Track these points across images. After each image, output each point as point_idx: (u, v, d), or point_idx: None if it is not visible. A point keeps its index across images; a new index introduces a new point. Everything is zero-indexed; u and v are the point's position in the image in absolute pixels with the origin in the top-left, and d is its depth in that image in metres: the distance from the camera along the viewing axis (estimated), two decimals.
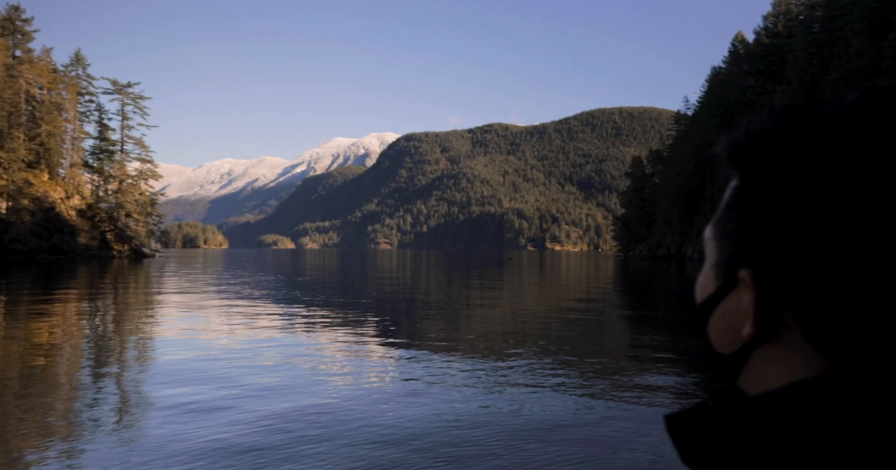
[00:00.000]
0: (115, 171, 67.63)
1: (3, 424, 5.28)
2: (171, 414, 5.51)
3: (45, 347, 9.23)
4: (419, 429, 5.12)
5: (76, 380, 7.17)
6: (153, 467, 4.24)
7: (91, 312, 14.49)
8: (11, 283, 24.61)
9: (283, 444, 4.71)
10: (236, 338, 10.14)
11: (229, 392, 6.34)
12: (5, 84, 57.92)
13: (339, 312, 14.21)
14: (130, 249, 65.53)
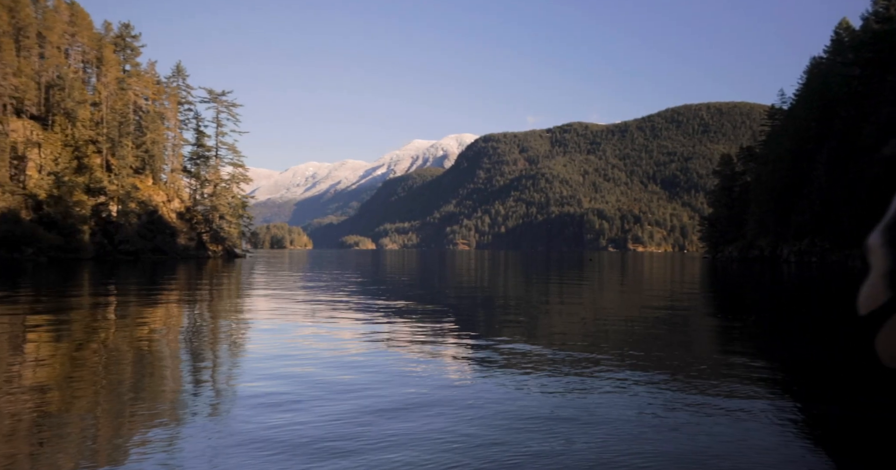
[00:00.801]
0: (211, 175, 71.77)
1: (108, 414, 5.77)
2: (260, 407, 5.84)
3: (148, 340, 9.97)
4: (488, 429, 5.16)
5: (175, 372, 7.70)
6: (241, 458, 4.51)
7: (190, 308, 15.48)
8: (120, 280, 26.70)
9: (363, 438, 4.88)
10: (321, 334, 10.53)
11: (314, 387, 6.62)
12: (117, 97, 62.83)
13: (419, 311, 14.44)
14: (224, 249, 69.31)
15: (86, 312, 14.06)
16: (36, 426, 5.18)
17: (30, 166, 54.69)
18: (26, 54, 57.70)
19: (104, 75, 64.33)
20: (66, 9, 64.74)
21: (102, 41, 66.93)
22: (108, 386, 6.72)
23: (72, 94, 58.80)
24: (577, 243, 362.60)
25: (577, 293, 21.40)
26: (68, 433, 5.03)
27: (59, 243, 52.01)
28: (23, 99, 56.02)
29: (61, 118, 58.18)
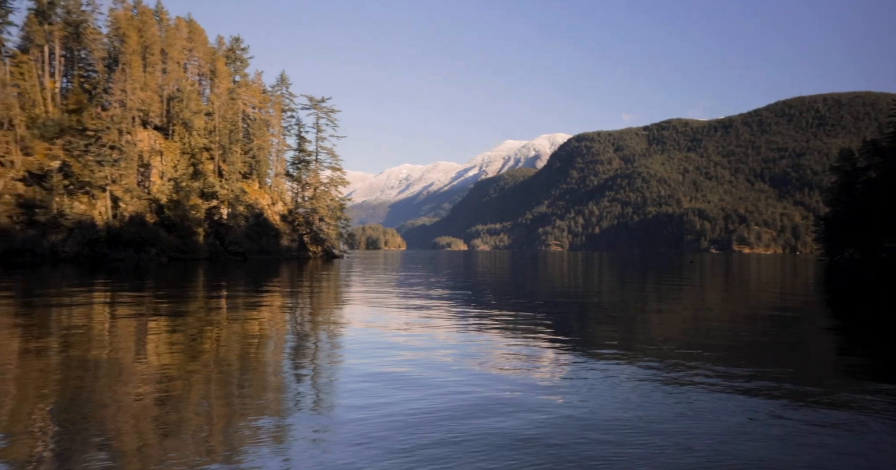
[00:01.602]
0: (311, 179, 75.18)
1: (221, 404, 6.22)
2: (355, 402, 6.09)
3: (256, 336, 10.64)
4: (576, 431, 5.09)
5: (279, 366, 8.17)
6: (342, 454, 4.73)
7: (293, 305, 16.32)
8: (231, 279, 28.59)
9: (450, 437, 4.98)
10: (414, 333, 10.79)
11: (408, 385, 6.81)
12: (227, 106, 67.30)
13: (510, 312, 14.42)
14: (323, 250, 72.35)
15: (201, 308, 15.20)
16: (160, 412, 5.70)
17: (153, 173, 59.68)
18: (151, 70, 63.03)
19: (217, 86, 69.08)
20: (184, 26, 70.10)
21: (215, 55, 71.93)
22: (221, 377, 7.25)
23: (189, 105, 63.57)
24: (675, 245, 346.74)
25: (677, 296, 20.50)
26: (187, 420, 5.49)
27: (178, 244, 56.39)
28: (148, 111, 61.23)
29: (180, 128, 63.05)
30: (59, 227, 50.54)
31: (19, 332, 10.77)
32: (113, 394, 6.32)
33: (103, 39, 64.04)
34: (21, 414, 5.61)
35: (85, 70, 65.45)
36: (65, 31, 62.70)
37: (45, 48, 61.93)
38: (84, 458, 4.50)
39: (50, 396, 6.22)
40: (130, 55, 59.00)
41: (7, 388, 6.57)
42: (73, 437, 4.97)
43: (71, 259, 50.30)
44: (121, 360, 8.20)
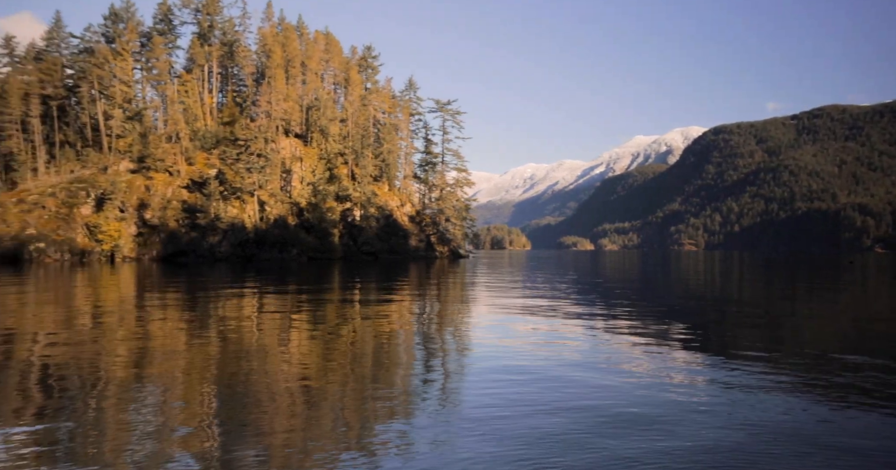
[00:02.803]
0: (437, 180, 76.99)
1: (354, 395, 6.52)
2: (480, 400, 6.12)
3: (388, 332, 11.06)
4: (711, 437, 4.72)
5: (409, 362, 8.41)
6: (468, 451, 4.75)
7: (422, 304, 16.79)
8: (364, 277, 30.02)
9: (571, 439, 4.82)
10: (539, 333, 10.63)
11: (534, 387, 6.72)
12: (360, 112, 70.83)
13: (641, 314, 13.79)
14: (449, 250, 73.82)
15: (337, 305, 16.11)
16: (302, 402, 6.13)
17: (294, 178, 64.22)
18: (292, 82, 67.89)
19: (350, 94, 72.91)
20: (322, 39, 74.75)
21: (349, 64, 75.96)
22: (355, 370, 7.64)
23: (325, 112, 67.68)
24: (829, 243, 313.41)
25: (834, 300, 18.43)
26: (325, 411, 5.84)
27: (316, 245, 60.22)
28: (290, 120, 66.02)
29: (317, 134, 67.29)
30: (216, 230, 55.88)
31: (185, 324, 12.15)
32: (262, 382, 6.88)
33: (252, 56, 69.97)
34: (189, 397, 6.29)
35: (237, 85, 71.91)
36: (221, 50, 69.26)
37: (205, 67, 68.81)
38: (237, 441, 4.94)
39: (211, 382, 6.94)
40: (275, 69, 63.89)
41: (176, 374, 7.41)
42: (229, 420, 5.49)
43: (225, 258, 55.43)
44: (268, 351, 8.91)
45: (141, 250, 54.35)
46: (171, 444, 4.83)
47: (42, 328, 11.41)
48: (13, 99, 59.42)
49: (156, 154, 57.35)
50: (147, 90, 67.64)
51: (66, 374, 7.31)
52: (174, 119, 61.33)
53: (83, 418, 5.48)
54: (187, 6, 69.78)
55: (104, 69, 60.92)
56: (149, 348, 9.14)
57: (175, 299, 17.49)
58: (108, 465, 4.38)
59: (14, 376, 7.27)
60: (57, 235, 52.41)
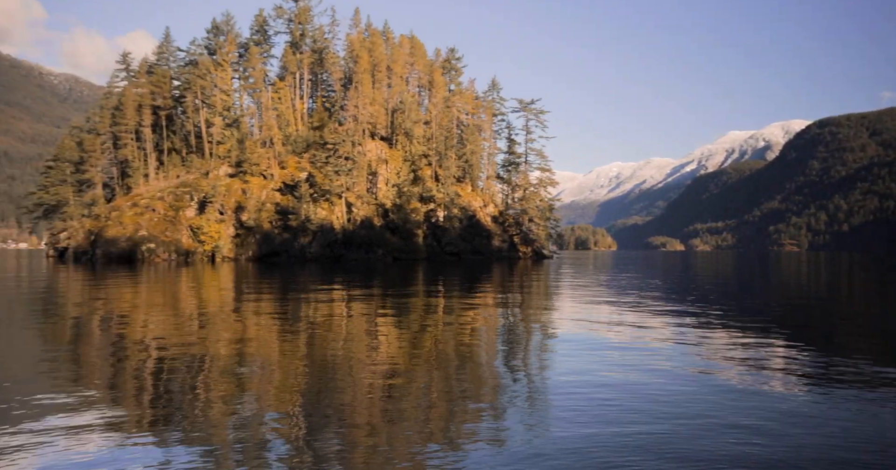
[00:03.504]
0: (520, 180, 76.52)
1: (440, 395, 6.60)
2: (569, 405, 6.03)
3: (470, 332, 11.13)
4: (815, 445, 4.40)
5: (493, 364, 8.42)
6: (551, 449, 4.71)
7: (506, 305, 16.77)
8: (448, 277, 30.33)
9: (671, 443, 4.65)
10: (628, 335, 10.33)
11: (621, 392, 6.55)
12: (443, 114, 71.60)
13: (737, 320, 13.08)
14: (533, 250, 73.17)
15: (422, 305, 16.38)
16: (388, 399, 6.29)
17: (380, 180, 65.81)
18: (378, 86, 69.66)
19: (434, 96, 73.85)
20: (407, 43, 76.21)
21: (433, 66, 76.97)
22: (440, 372, 7.74)
23: (410, 115, 68.93)
24: None
25: None
26: (410, 409, 5.96)
27: (401, 245, 61.43)
28: (375, 123, 67.77)
29: (402, 137, 68.63)
30: (307, 231, 58.22)
31: (278, 320, 12.80)
32: (350, 380, 7.14)
33: (340, 62, 72.42)
34: (281, 391, 6.63)
35: (326, 91, 74.63)
36: (311, 57, 72.15)
37: (297, 74, 71.92)
38: (326, 434, 5.17)
39: (302, 377, 7.26)
40: (362, 74, 65.76)
41: (271, 365, 7.82)
42: (318, 413, 5.73)
43: (315, 258, 57.63)
44: (355, 349, 9.22)
45: (238, 251, 57.56)
46: (264, 429, 5.12)
47: (153, 322, 12.41)
48: (128, 110, 64.60)
49: (251, 159, 60.53)
50: (244, 98, 71.57)
51: (175, 365, 7.90)
52: (268, 125, 64.52)
53: (187, 400, 5.93)
54: (281, 16, 73.23)
55: (206, 80, 65.00)
56: (245, 340, 9.71)
57: (269, 297, 18.45)
58: (209, 443, 4.70)
59: (130, 363, 7.95)
60: (165, 237, 56.46)
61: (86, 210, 63.70)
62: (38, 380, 7.23)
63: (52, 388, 6.68)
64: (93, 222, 60.04)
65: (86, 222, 61.21)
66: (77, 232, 61.45)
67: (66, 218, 65.45)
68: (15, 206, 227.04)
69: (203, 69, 65.07)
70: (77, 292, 20.54)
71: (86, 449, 4.71)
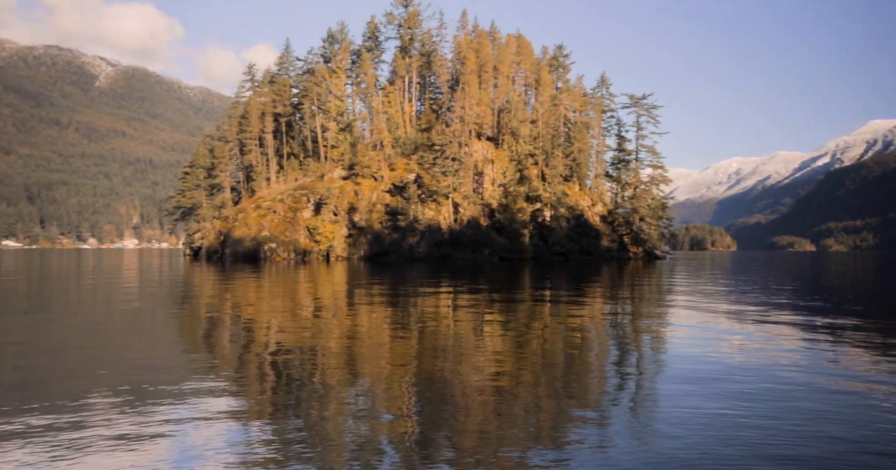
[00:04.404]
0: (631, 178, 73.80)
1: (547, 396, 6.48)
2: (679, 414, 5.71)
3: (579, 334, 10.86)
4: None
5: (601, 366, 8.15)
6: (661, 458, 4.49)
7: (615, 306, 16.24)
8: (555, 278, 29.87)
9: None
10: (748, 346, 9.59)
11: (740, 403, 6.11)
12: (550, 112, 70.64)
13: (886, 332, 11.77)
14: (644, 251, 70.34)
15: (529, 305, 16.24)
16: (496, 399, 6.28)
17: (486, 180, 66.09)
18: (485, 86, 69.98)
19: (540, 94, 73.03)
20: (513, 42, 75.99)
21: (540, 64, 76.16)
22: (546, 372, 7.64)
23: (516, 114, 68.63)
24: None
25: None
26: (518, 409, 5.91)
27: (507, 245, 61.32)
28: (482, 124, 68.11)
29: (508, 137, 68.48)
30: (415, 231, 59.65)
31: (388, 317, 13.25)
32: (457, 379, 7.21)
33: (447, 64, 73.56)
34: (391, 387, 6.83)
35: (433, 93, 76.09)
36: (420, 61, 73.90)
37: (406, 78, 73.94)
38: (433, 432, 5.25)
39: (411, 375, 7.44)
40: (468, 75, 66.37)
41: (382, 365, 8.10)
42: (426, 411, 5.84)
43: (423, 258, 58.90)
44: (463, 348, 9.30)
45: (351, 250, 60.09)
46: (374, 425, 5.29)
47: (275, 317, 13.27)
48: (253, 118, 69.46)
49: (363, 162, 62.96)
50: (356, 103, 74.68)
51: (293, 359, 8.39)
52: (378, 128, 66.80)
53: (303, 393, 6.29)
54: (391, 22, 75.64)
55: (322, 86, 68.48)
56: (357, 338, 10.14)
57: (380, 295, 19.11)
58: (322, 437, 4.94)
59: (254, 356, 8.54)
60: (285, 237, 60.11)
61: (216, 212, 69.26)
62: (175, 369, 7.95)
63: (187, 376, 7.33)
64: (222, 224, 65.14)
65: (216, 224, 66.53)
66: (209, 232, 66.95)
67: (199, 220, 71.59)
68: (157, 209, 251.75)
69: (319, 77, 68.58)
70: (209, 289, 22.40)
71: (212, 436, 5.10)
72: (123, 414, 5.57)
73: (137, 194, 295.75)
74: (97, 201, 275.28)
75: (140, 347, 9.60)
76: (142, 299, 17.97)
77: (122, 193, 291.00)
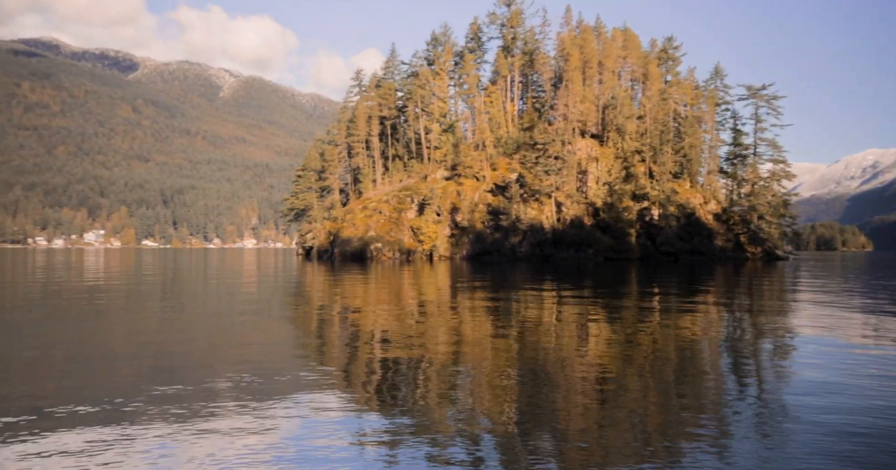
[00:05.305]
0: (748, 174, 69.12)
1: (656, 403, 6.20)
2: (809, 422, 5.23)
3: (690, 339, 10.30)
4: None
5: (717, 374, 7.69)
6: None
7: (730, 311, 15.24)
8: (663, 280, 28.62)
9: None
10: (881, 359, 8.62)
11: (874, 418, 5.50)
12: (658, 107, 67.77)
13: None
14: (763, 251, 65.68)
15: (635, 307, 15.66)
16: (600, 401, 6.11)
17: (590, 178, 64.55)
18: (589, 82, 68.37)
19: (648, 89, 70.26)
20: (620, 36, 73.69)
21: (648, 58, 73.28)
22: (656, 378, 7.31)
23: (622, 110, 66.46)
24: None
25: None
26: (624, 413, 5.70)
27: (612, 245, 59.53)
28: (586, 121, 66.60)
29: (613, 133, 66.47)
30: (517, 231, 59.42)
31: (490, 318, 13.27)
32: (561, 382, 7.10)
33: (550, 62, 72.63)
34: (494, 388, 6.82)
35: (536, 91, 75.44)
36: (522, 59, 73.56)
37: (508, 77, 73.84)
38: (537, 433, 5.18)
39: (513, 375, 7.40)
40: (572, 72, 65.12)
41: (484, 364, 8.13)
42: (529, 412, 5.77)
43: (525, 258, 58.53)
44: (565, 349, 9.12)
45: (453, 250, 60.83)
46: (477, 424, 5.31)
47: (381, 315, 13.72)
48: (360, 122, 72.20)
49: (465, 162, 63.54)
50: (459, 104, 75.49)
51: (397, 358, 8.63)
52: (480, 128, 67.14)
53: (408, 391, 6.45)
54: (494, 22, 75.81)
55: (425, 89, 69.88)
56: (460, 336, 10.24)
57: (482, 295, 19.21)
58: (427, 435, 5.03)
59: (361, 352, 8.91)
60: (390, 237, 61.95)
61: (326, 213, 72.69)
62: (289, 364, 8.45)
63: (299, 372, 7.77)
64: (331, 224, 68.24)
65: (326, 224, 69.80)
66: (319, 233, 70.39)
67: (311, 220, 75.48)
68: (273, 211, 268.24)
69: (423, 79, 70.04)
70: (319, 287, 23.57)
71: (319, 432, 5.36)
72: (243, 407, 5.96)
73: (255, 197, 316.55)
74: (221, 204, 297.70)
75: (258, 341, 10.29)
76: (260, 295, 19.25)
77: (242, 196, 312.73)
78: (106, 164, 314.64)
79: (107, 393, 6.30)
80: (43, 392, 6.37)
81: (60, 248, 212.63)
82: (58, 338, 10.17)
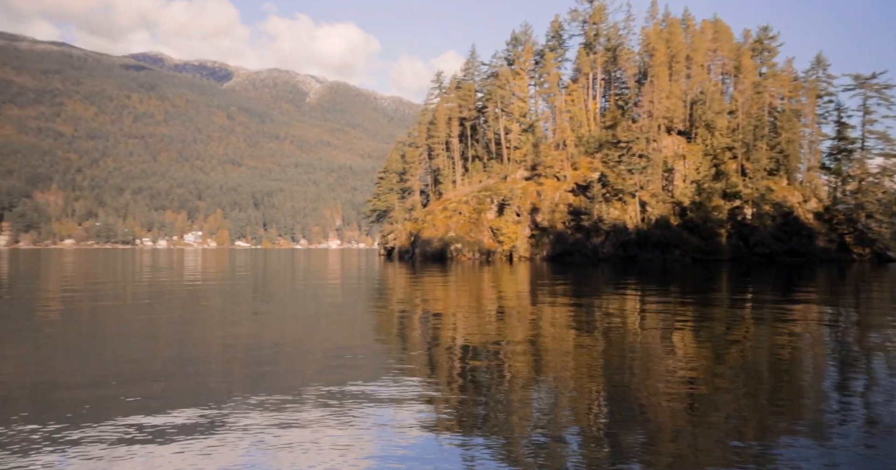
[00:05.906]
0: (855, 170, 64.14)
1: (749, 412, 5.88)
2: None
3: (788, 346, 9.69)
4: None
5: (819, 380, 7.19)
6: None
7: (833, 318, 14.16)
8: (758, 282, 27.10)
9: None
10: None
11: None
12: (752, 101, 64.25)
13: None
14: (872, 252, 60.74)
15: (726, 312, 14.93)
16: (688, 406, 5.89)
17: (676, 177, 62.07)
18: (676, 77, 65.80)
19: (740, 82, 66.74)
20: (709, 28, 70.47)
21: (740, 50, 69.63)
22: (748, 384, 6.96)
23: (712, 105, 63.50)
24: None
25: None
26: (714, 418, 5.46)
27: (700, 245, 56.98)
28: (672, 118, 64.13)
29: (702, 130, 63.62)
30: (599, 231, 58.07)
31: (573, 321, 13.10)
32: (647, 384, 6.90)
33: (634, 57, 70.47)
34: (579, 390, 6.72)
35: (619, 88, 73.43)
36: (605, 56, 71.84)
37: (590, 75, 72.34)
38: (623, 437, 5.07)
39: (599, 378, 7.30)
40: (658, 67, 62.89)
41: (568, 366, 8.04)
42: (615, 416, 5.69)
43: (607, 259, 57.10)
44: (651, 354, 8.85)
45: (533, 250, 60.25)
46: (563, 426, 5.28)
47: (461, 317, 13.85)
48: (440, 124, 72.91)
49: (545, 162, 62.77)
50: (539, 103, 74.69)
51: (478, 362, 8.71)
52: (561, 128, 66.12)
53: (491, 397, 6.50)
54: (575, 19, 74.52)
55: (505, 89, 69.64)
56: (541, 339, 10.18)
57: (564, 296, 18.93)
58: (511, 438, 5.06)
59: (442, 357, 9.05)
60: (469, 237, 62.19)
61: (407, 214, 73.91)
62: (372, 367, 8.70)
63: (381, 376, 7.98)
64: (412, 225, 69.32)
65: (407, 225, 70.98)
66: (401, 234, 71.69)
67: (392, 221, 77.00)
68: (356, 212, 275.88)
69: (503, 80, 69.83)
70: (401, 287, 24.03)
71: (402, 442, 5.47)
72: (327, 413, 6.15)
73: (339, 199, 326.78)
74: (307, 206, 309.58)
75: (342, 343, 10.65)
76: (344, 296, 19.89)
77: (326, 198, 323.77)
78: (203, 168, 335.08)
79: (200, 399, 6.76)
80: (150, 393, 6.92)
81: (164, 248, 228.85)
82: (166, 338, 10.99)
